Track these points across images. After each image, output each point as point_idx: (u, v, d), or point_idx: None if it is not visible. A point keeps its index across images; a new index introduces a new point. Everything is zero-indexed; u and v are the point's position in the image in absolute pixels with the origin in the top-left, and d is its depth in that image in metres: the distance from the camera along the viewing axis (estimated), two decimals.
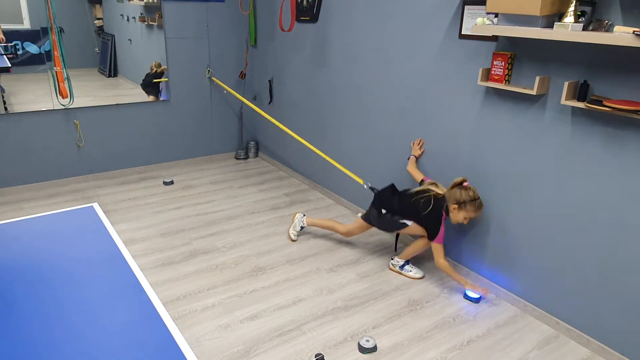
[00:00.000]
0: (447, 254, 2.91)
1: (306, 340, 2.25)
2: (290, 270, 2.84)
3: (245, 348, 2.19)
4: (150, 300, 2.47)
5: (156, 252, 2.98)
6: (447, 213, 2.59)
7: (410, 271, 2.81)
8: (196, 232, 3.25)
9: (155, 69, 4.15)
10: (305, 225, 3.19)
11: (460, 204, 2.50)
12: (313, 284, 2.70)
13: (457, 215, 2.54)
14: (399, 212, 2.73)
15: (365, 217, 2.90)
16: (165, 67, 4.15)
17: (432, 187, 2.67)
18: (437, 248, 2.63)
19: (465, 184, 2.54)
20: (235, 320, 2.38)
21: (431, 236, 2.63)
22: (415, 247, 2.78)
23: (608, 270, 2.13)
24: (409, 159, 2.99)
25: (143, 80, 4.11)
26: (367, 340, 2.20)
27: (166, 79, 4.19)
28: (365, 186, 3.18)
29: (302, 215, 3.22)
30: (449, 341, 2.28)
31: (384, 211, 2.78)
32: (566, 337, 2.34)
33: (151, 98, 4.20)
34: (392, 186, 2.88)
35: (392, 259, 2.87)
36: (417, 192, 2.68)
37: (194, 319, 2.38)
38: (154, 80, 4.16)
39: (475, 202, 2.50)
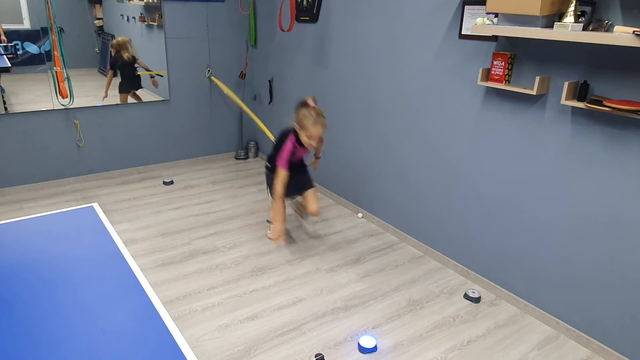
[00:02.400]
0: (447, 253, 2.91)
1: (306, 340, 2.25)
2: (290, 270, 2.84)
3: (245, 348, 2.19)
4: (150, 300, 2.46)
5: (156, 252, 2.98)
6: (299, 140, 2.48)
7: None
8: (196, 232, 3.25)
9: (117, 50, 3.83)
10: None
11: (301, 124, 2.35)
12: (313, 284, 2.70)
13: (303, 137, 2.39)
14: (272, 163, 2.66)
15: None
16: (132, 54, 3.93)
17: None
18: (278, 171, 2.54)
19: (309, 101, 2.34)
20: (235, 320, 2.38)
21: (278, 161, 2.53)
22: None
23: (608, 270, 2.13)
24: None
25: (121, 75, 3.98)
26: (368, 340, 2.20)
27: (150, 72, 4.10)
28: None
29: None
30: (449, 341, 2.28)
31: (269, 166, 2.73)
32: (566, 337, 2.34)
33: (122, 98, 4.00)
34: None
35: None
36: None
37: (194, 319, 2.38)
38: (137, 73, 4.01)
39: (312, 118, 2.31)
